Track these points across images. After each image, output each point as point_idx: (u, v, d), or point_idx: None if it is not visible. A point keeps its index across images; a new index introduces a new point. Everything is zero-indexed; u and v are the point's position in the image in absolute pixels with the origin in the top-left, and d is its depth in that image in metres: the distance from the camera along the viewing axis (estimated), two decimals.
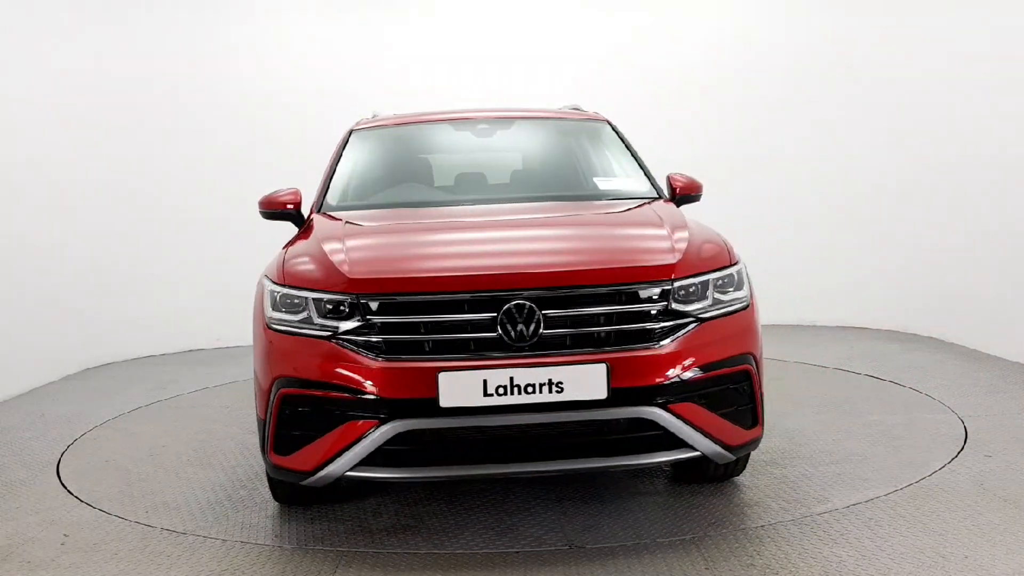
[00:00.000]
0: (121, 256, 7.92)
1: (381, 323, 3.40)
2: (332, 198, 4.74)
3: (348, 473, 3.39)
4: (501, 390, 3.27)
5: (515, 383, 3.27)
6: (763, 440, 4.67)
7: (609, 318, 3.42)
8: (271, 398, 3.53)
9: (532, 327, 3.35)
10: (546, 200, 4.64)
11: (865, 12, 8.09)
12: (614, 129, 5.28)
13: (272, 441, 3.55)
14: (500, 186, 5.04)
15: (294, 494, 4.02)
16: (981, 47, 6.91)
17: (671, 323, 3.45)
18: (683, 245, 3.70)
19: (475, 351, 3.35)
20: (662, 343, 3.41)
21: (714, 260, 3.71)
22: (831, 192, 8.37)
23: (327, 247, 3.78)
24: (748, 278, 3.84)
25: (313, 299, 3.52)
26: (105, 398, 6.48)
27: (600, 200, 4.62)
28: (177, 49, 8.19)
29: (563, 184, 4.93)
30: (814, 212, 8.45)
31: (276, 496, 4.08)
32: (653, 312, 3.45)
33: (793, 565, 3.28)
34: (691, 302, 3.52)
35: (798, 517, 3.74)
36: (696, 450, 3.44)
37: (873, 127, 8.09)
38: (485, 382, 3.27)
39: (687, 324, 3.47)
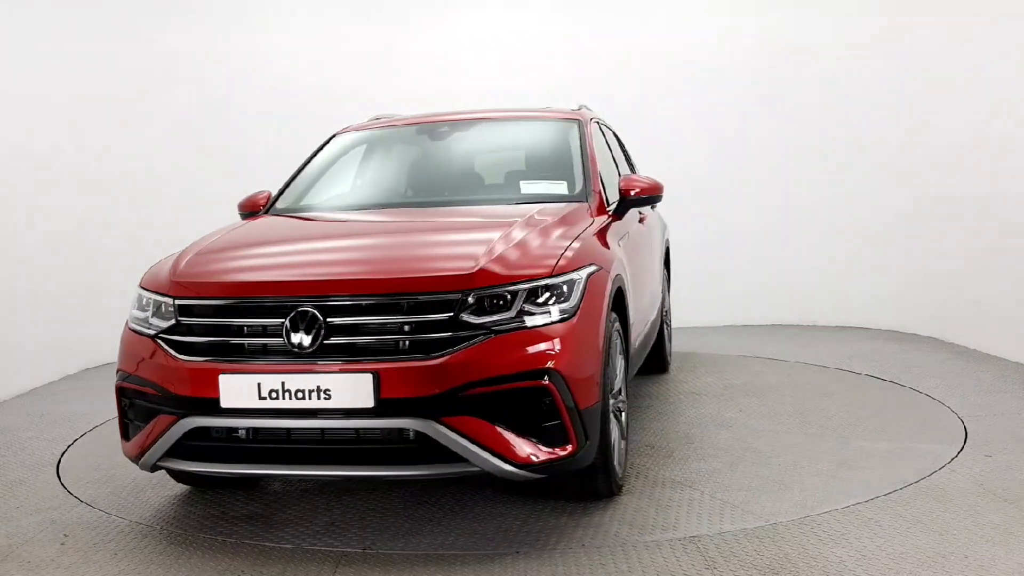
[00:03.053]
0: (121, 255, 7.90)
1: (186, 324, 3.61)
2: (283, 201, 4.93)
3: (159, 463, 3.65)
4: (274, 394, 3.38)
5: (286, 388, 3.37)
6: (713, 457, 4.55)
7: (388, 328, 3.40)
8: (115, 388, 3.88)
9: (314, 334, 3.40)
10: (452, 205, 4.67)
11: (868, 10, 8.10)
12: (580, 128, 5.10)
13: (120, 428, 3.87)
14: (428, 189, 5.00)
15: (187, 477, 4.28)
16: (979, 46, 6.91)
17: (457, 334, 3.36)
18: (499, 253, 3.58)
19: (263, 355, 3.47)
20: (440, 355, 3.33)
21: (530, 271, 3.54)
22: (831, 192, 8.37)
23: (183, 251, 4.06)
24: (586, 290, 3.62)
25: (153, 300, 3.79)
26: (105, 398, 6.41)
27: (505, 204, 4.56)
28: (190, 50, 8.22)
29: (486, 188, 4.95)
30: (814, 212, 8.46)
31: (175, 478, 4.38)
32: (438, 323, 3.37)
33: (793, 565, 3.28)
34: (487, 313, 3.41)
35: (758, 526, 3.74)
36: (475, 465, 3.34)
37: (873, 128, 8.09)
38: (259, 385, 3.39)
39: (475, 336, 3.36)
